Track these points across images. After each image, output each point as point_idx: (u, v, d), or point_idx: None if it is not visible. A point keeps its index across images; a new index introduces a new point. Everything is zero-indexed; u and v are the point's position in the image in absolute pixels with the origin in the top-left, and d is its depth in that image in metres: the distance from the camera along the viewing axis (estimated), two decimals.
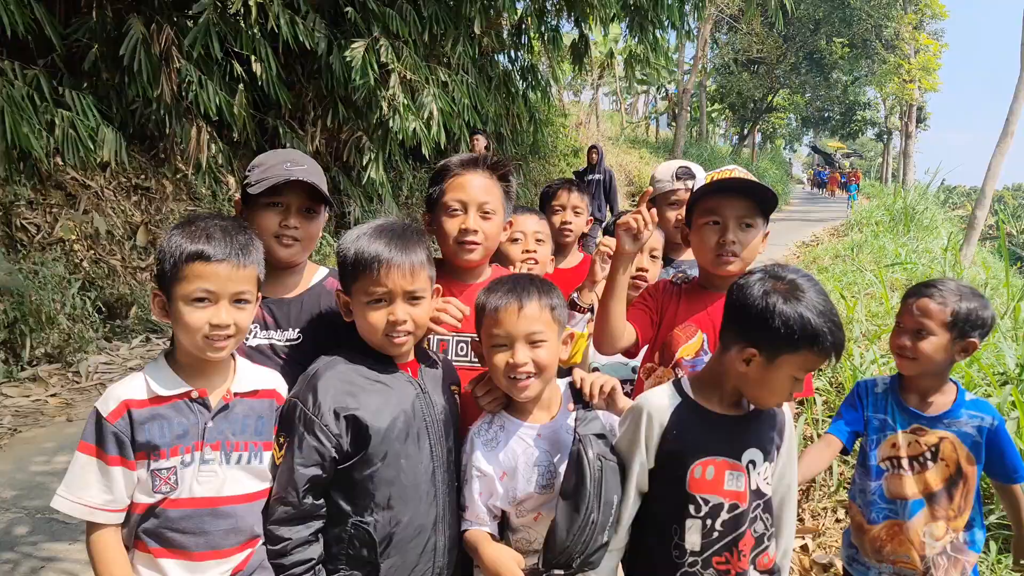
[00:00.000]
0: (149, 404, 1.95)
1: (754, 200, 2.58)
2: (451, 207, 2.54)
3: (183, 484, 1.95)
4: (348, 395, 2.08)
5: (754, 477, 2.14)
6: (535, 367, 2.15)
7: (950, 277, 3.50)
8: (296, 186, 2.34)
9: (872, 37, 37.43)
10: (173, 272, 1.94)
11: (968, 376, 5.35)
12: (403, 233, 2.18)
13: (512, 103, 15.98)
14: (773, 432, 2.20)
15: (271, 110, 11.13)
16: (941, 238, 16.70)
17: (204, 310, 1.93)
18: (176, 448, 1.95)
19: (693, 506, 2.11)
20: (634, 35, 14.36)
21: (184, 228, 1.98)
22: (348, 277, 2.18)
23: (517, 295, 2.17)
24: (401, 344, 2.16)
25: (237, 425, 2.04)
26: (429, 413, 2.20)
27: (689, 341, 2.61)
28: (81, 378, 6.93)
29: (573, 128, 25.58)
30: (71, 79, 8.45)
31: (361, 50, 10.20)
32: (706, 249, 2.61)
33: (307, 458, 2.02)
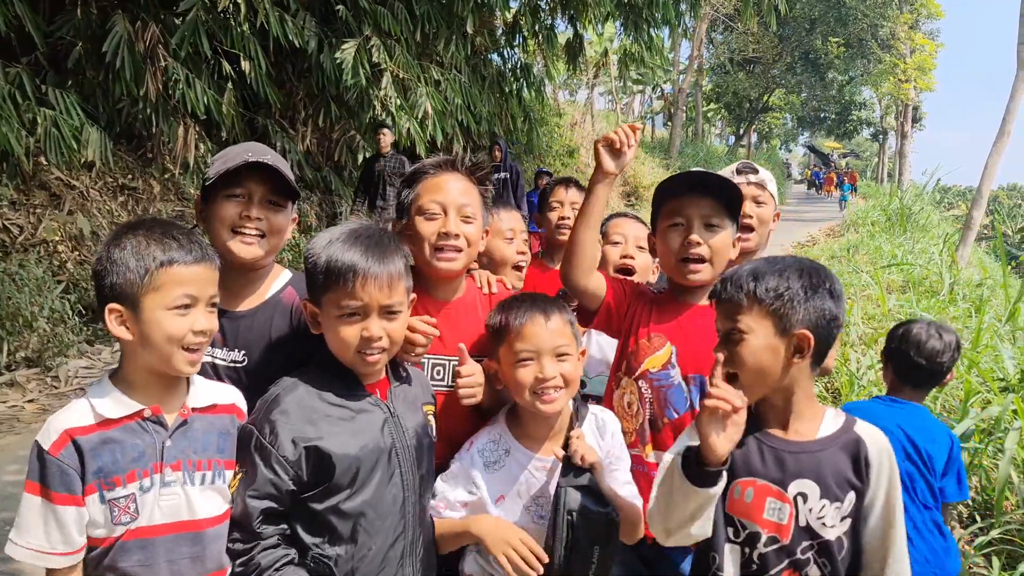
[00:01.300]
0: (97, 428, 1.77)
1: (719, 199, 2.40)
2: (428, 209, 2.32)
3: (144, 511, 1.79)
4: (308, 423, 1.92)
5: (803, 512, 1.91)
6: (563, 381, 2.14)
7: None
8: (258, 176, 2.16)
9: (868, 37, 37.39)
10: (146, 282, 1.77)
11: (968, 383, 5.24)
12: (380, 240, 2.00)
13: (506, 102, 15.85)
14: (844, 466, 1.92)
15: (261, 109, 11.00)
16: (937, 239, 16.63)
17: (185, 317, 1.79)
18: (133, 473, 1.78)
19: (732, 529, 1.96)
20: (629, 33, 14.27)
21: (137, 235, 1.80)
22: (318, 287, 1.99)
23: (542, 309, 2.17)
24: (374, 362, 1.99)
25: (198, 443, 1.88)
26: (399, 439, 2.04)
27: (656, 352, 2.44)
28: (60, 383, 6.78)
29: (568, 128, 25.45)
30: (55, 77, 8.30)
31: (352, 49, 10.08)
32: (670, 254, 2.44)
33: (260, 490, 1.87)
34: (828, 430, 1.97)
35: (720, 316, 1.96)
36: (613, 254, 3.08)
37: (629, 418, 2.46)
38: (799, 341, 1.87)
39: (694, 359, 2.38)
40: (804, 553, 1.91)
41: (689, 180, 2.44)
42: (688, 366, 2.40)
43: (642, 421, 2.43)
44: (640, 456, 2.44)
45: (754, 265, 1.95)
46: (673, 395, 2.41)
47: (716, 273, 2.39)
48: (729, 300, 1.92)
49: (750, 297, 1.89)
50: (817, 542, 1.91)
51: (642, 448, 2.44)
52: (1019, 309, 7.91)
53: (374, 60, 10.41)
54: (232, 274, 2.16)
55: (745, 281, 1.91)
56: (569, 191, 3.80)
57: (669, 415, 2.40)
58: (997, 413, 4.53)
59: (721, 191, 2.41)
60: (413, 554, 2.06)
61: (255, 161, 2.14)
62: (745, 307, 1.89)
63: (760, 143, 58.86)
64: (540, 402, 2.12)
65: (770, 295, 1.88)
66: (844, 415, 2.02)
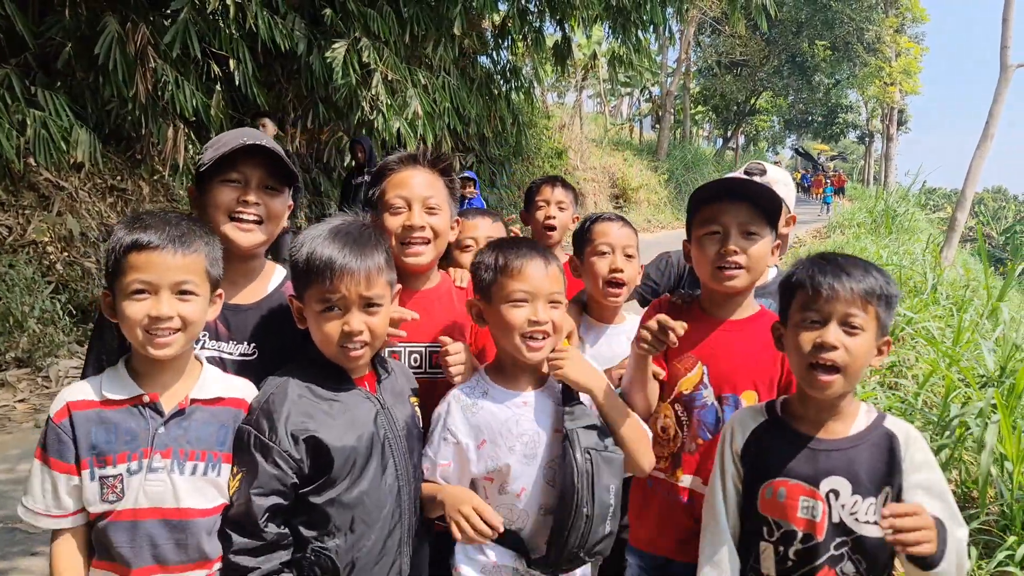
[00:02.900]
0: (98, 406, 1.86)
1: (758, 206, 2.31)
2: (393, 205, 2.37)
3: (129, 493, 1.85)
4: (306, 416, 1.94)
5: (836, 509, 1.94)
6: (552, 328, 2.13)
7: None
8: (255, 160, 2.16)
9: (854, 40, 37.63)
10: (114, 267, 1.85)
11: (948, 379, 5.33)
12: (359, 235, 2.03)
13: (495, 104, 15.90)
14: (881, 464, 1.94)
15: (250, 110, 11.00)
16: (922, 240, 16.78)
17: (143, 302, 1.83)
18: (123, 455, 1.84)
19: (766, 528, 2.00)
20: (617, 36, 14.34)
21: (126, 222, 1.90)
22: (301, 282, 2.03)
23: (541, 254, 2.17)
24: (357, 357, 2.01)
25: (193, 433, 1.92)
26: (391, 430, 2.07)
27: (689, 374, 2.37)
28: (51, 383, 6.78)
29: (556, 130, 25.52)
30: (44, 78, 8.30)
31: (342, 50, 10.11)
32: (706, 262, 2.33)
33: (265, 486, 1.88)
34: (860, 425, 2.00)
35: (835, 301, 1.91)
36: (601, 266, 2.85)
37: (664, 443, 2.40)
38: (883, 344, 1.98)
39: (727, 378, 2.34)
40: (838, 549, 1.94)
41: (726, 187, 2.37)
42: (721, 386, 2.34)
43: (679, 446, 2.38)
44: (670, 482, 2.39)
45: (866, 264, 1.99)
46: (705, 416, 2.35)
47: (753, 281, 2.36)
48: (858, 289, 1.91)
49: (874, 297, 1.92)
50: (851, 538, 1.94)
51: (672, 473, 2.39)
52: (999, 307, 8.02)
53: (364, 60, 10.44)
54: (230, 263, 2.14)
55: (871, 280, 1.93)
56: (555, 190, 3.74)
57: (703, 436, 2.35)
58: (979, 408, 4.61)
59: (760, 198, 2.32)
60: (410, 542, 2.09)
61: (251, 144, 2.13)
62: (869, 304, 1.92)
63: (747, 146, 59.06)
64: (527, 347, 2.10)
65: (882, 302, 1.94)
66: (875, 410, 2.06)
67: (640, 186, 27.93)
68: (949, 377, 5.31)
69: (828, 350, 1.89)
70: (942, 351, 6.09)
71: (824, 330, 1.91)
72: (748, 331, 2.39)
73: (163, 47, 8.64)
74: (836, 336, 1.90)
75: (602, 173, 26.82)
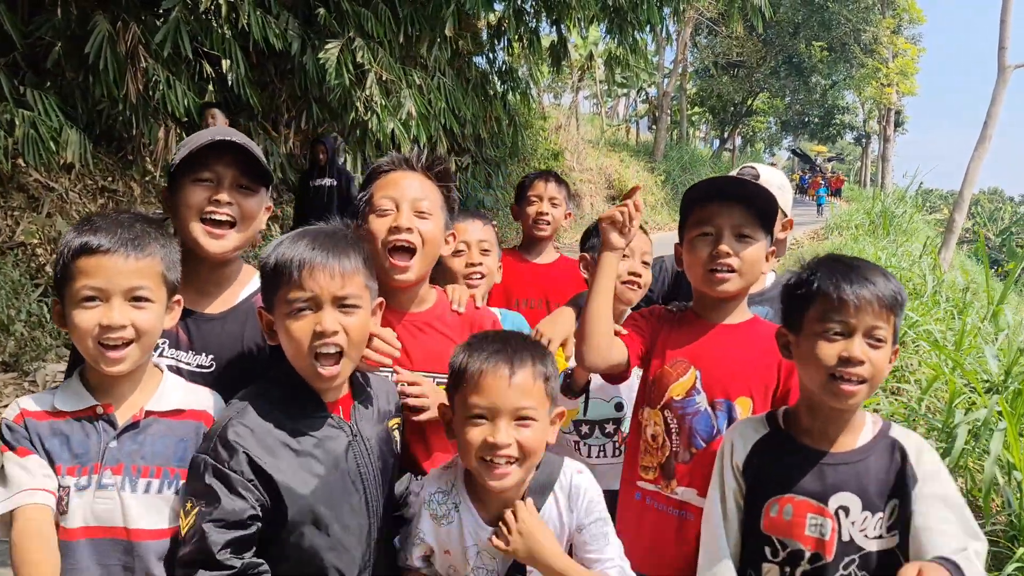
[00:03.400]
0: (50, 417, 1.75)
1: (752, 208, 2.22)
2: (380, 206, 2.18)
3: (76, 510, 1.72)
4: (265, 451, 1.77)
5: (845, 526, 1.84)
6: (519, 451, 1.77)
7: None
8: (227, 159, 2.04)
9: (851, 41, 37.64)
10: (63, 272, 1.73)
11: (952, 384, 5.23)
12: (332, 235, 1.87)
13: (491, 105, 15.81)
14: (889, 476, 1.85)
15: (243, 111, 10.90)
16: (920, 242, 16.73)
17: (93, 310, 1.71)
18: (73, 468, 1.73)
19: (770, 548, 1.89)
20: (613, 36, 14.27)
21: (77, 225, 1.78)
22: (269, 290, 1.85)
23: (508, 358, 1.79)
24: (332, 376, 1.81)
25: (148, 447, 1.79)
26: (364, 463, 1.91)
27: (680, 379, 2.26)
28: (38, 387, 6.66)
29: (553, 131, 25.45)
30: (33, 78, 8.18)
31: (336, 51, 10.01)
32: (697, 264, 2.24)
33: (226, 519, 1.70)
34: (867, 437, 1.91)
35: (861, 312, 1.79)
36: (620, 267, 2.71)
37: (653, 451, 2.29)
38: (893, 355, 1.88)
39: (720, 383, 2.23)
40: (847, 568, 1.86)
41: (720, 187, 2.28)
42: (714, 391, 2.23)
43: (668, 455, 2.26)
44: (661, 494, 2.27)
45: (881, 270, 1.88)
46: (699, 423, 2.24)
47: (746, 285, 2.26)
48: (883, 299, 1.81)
49: (897, 306, 1.83)
50: (859, 555, 1.85)
51: (665, 484, 2.27)
52: (1001, 311, 7.95)
53: (358, 60, 10.33)
54: (200, 270, 2.06)
55: (893, 288, 1.82)
56: (548, 185, 3.67)
57: (696, 445, 2.23)
58: (984, 416, 4.52)
59: (755, 199, 2.23)
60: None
61: (222, 140, 2.03)
62: (892, 314, 1.82)
63: (744, 147, 59.08)
64: (488, 474, 1.78)
65: (898, 310, 1.84)
66: (880, 420, 1.97)
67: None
68: (953, 382, 5.22)
69: (855, 364, 1.79)
70: (946, 354, 6.00)
71: (850, 343, 1.81)
72: (742, 336, 2.29)
73: (154, 47, 8.52)
74: (863, 350, 1.80)
75: (598, 174, 26.75)
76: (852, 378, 1.79)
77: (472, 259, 2.90)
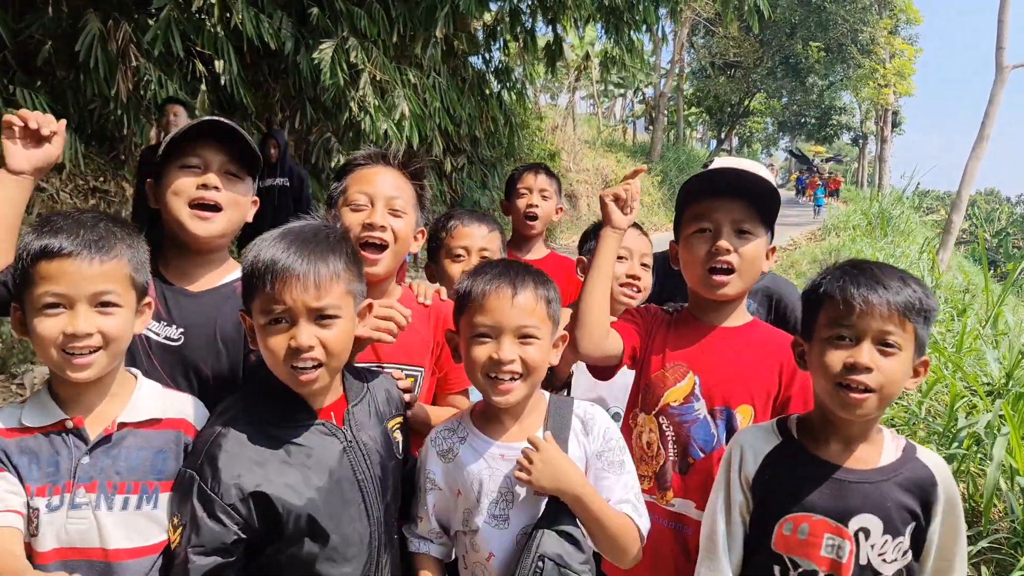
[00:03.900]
0: (17, 434, 1.64)
1: (753, 202, 2.13)
2: (354, 200, 2.19)
3: (48, 531, 1.62)
4: (255, 465, 1.71)
5: (864, 549, 1.74)
6: (523, 367, 1.83)
7: None
8: (215, 145, 2.02)
9: (848, 42, 37.58)
10: (22, 278, 1.62)
11: (954, 387, 5.16)
12: (313, 237, 1.77)
13: (487, 105, 15.72)
14: (910, 499, 1.75)
15: (236, 111, 10.80)
16: (917, 243, 16.69)
17: (56, 318, 1.60)
18: (43, 488, 1.63)
19: (779, 567, 1.80)
20: (610, 36, 14.21)
21: (36, 226, 1.65)
22: (246, 293, 1.78)
23: (511, 280, 1.86)
24: (309, 381, 1.73)
25: (123, 462, 1.70)
26: (361, 468, 1.84)
27: (678, 384, 2.16)
28: (25, 390, 6.57)
29: (549, 131, 25.38)
30: (23, 77, 8.09)
31: (330, 50, 9.92)
32: (695, 263, 2.14)
33: (207, 545, 1.66)
34: (890, 456, 1.81)
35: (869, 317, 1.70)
36: (618, 269, 2.73)
37: (648, 460, 2.21)
38: (920, 365, 1.78)
39: (720, 390, 2.14)
40: None
41: (718, 180, 2.17)
42: (714, 398, 2.14)
43: (663, 463, 2.17)
44: (657, 505, 2.18)
45: (902, 274, 1.77)
46: (697, 432, 2.15)
47: (746, 286, 2.17)
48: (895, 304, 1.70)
49: (912, 312, 1.71)
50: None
51: (661, 495, 2.18)
52: (1001, 313, 7.89)
53: (352, 61, 10.24)
54: (187, 255, 2.05)
55: (910, 293, 1.71)
56: (538, 177, 3.62)
57: (694, 455, 2.14)
58: (987, 420, 4.45)
59: (755, 193, 2.13)
60: None
61: (210, 120, 2.00)
62: (907, 320, 1.71)
63: (741, 147, 59.07)
64: (493, 389, 1.85)
65: (921, 317, 1.73)
66: (903, 439, 1.87)
67: None
68: (954, 385, 5.15)
69: (860, 371, 1.69)
70: (946, 357, 5.93)
71: (856, 349, 1.71)
72: (743, 339, 2.19)
73: (145, 46, 8.42)
74: (870, 356, 1.70)
75: (595, 175, 26.69)
76: (859, 386, 1.70)
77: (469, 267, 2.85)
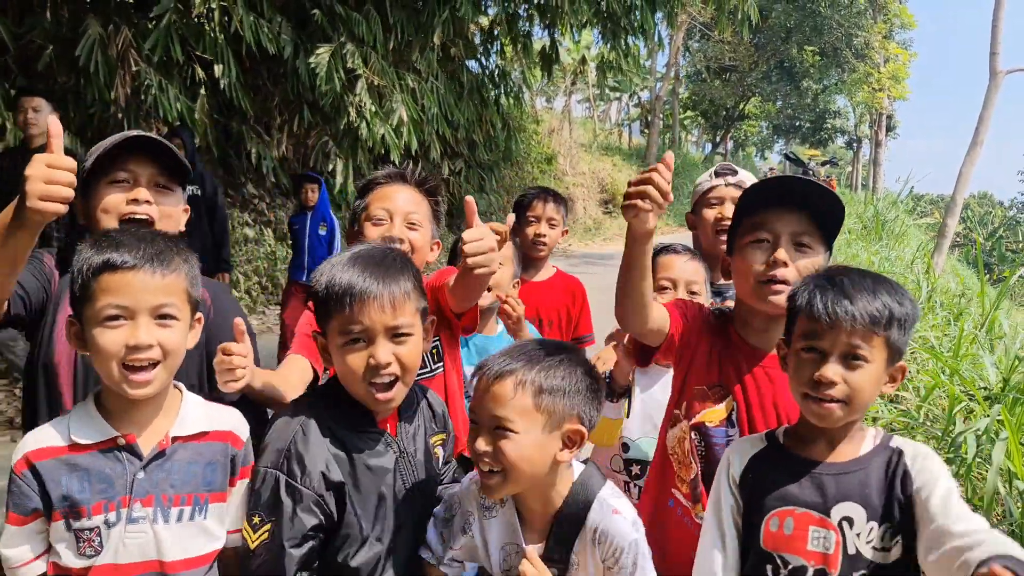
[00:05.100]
0: (66, 452, 1.64)
1: (813, 215, 2.04)
2: (376, 216, 2.44)
3: (107, 547, 1.65)
4: (333, 461, 1.80)
5: (850, 538, 1.74)
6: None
7: None
8: (142, 158, 2.03)
9: (842, 46, 37.69)
10: (82, 292, 1.64)
11: (952, 391, 5.21)
12: (383, 260, 1.87)
13: (485, 109, 15.76)
14: (889, 484, 1.75)
15: (235, 115, 10.83)
16: (911, 246, 16.76)
17: (118, 330, 1.62)
18: (99, 505, 1.64)
19: (771, 567, 1.79)
20: (606, 41, 14.26)
21: (93, 240, 1.68)
22: (322, 314, 1.87)
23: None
24: (387, 400, 1.83)
25: (177, 475, 1.72)
26: (407, 480, 1.92)
27: (715, 406, 2.13)
28: None
29: (546, 135, 25.44)
30: (24, 81, 8.10)
31: (327, 55, 9.95)
32: (749, 274, 2.05)
33: (298, 534, 1.73)
34: (868, 447, 1.82)
35: (835, 331, 1.69)
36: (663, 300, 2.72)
37: (687, 466, 2.18)
38: (896, 372, 1.78)
39: (753, 419, 2.10)
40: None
41: (781, 189, 2.07)
42: (747, 427, 2.10)
43: (695, 475, 2.16)
44: (691, 512, 2.18)
45: (876, 284, 1.73)
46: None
47: None
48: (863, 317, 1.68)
49: (879, 325, 1.69)
50: (868, 569, 1.74)
51: (693, 505, 2.18)
52: (996, 318, 7.94)
53: (348, 66, 10.27)
54: None
55: (878, 306, 1.69)
56: (547, 206, 3.67)
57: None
58: (985, 425, 4.50)
59: (818, 203, 2.04)
60: None
61: (136, 136, 1.99)
62: (874, 334, 1.70)
63: (736, 151, 59.19)
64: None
65: (894, 327, 1.71)
66: (882, 432, 1.88)
67: None
68: (952, 390, 5.20)
69: (827, 386, 1.71)
70: (943, 362, 5.98)
71: (824, 364, 1.72)
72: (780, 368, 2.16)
73: (146, 51, 8.45)
74: (835, 371, 1.71)
75: (591, 178, 26.76)
76: (826, 398, 1.72)
77: None
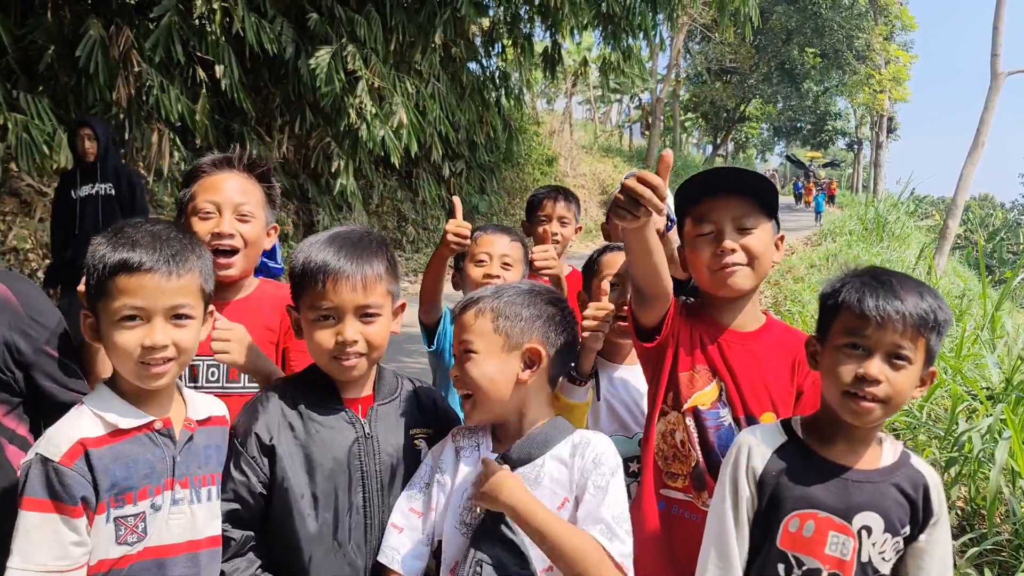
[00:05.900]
0: (109, 440, 1.65)
1: (751, 197, 2.09)
2: (202, 209, 2.25)
3: (152, 531, 1.68)
4: (277, 428, 1.88)
5: (867, 547, 1.76)
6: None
7: None
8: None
9: (843, 48, 37.75)
10: (98, 288, 1.67)
11: (955, 390, 5.21)
12: (359, 241, 1.92)
13: (486, 110, 15.78)
14: (907, 499, 1.78)
15: (236, 116, 10.84)
16: (913, 247, 16.76)
17: (135, 330, 1.65)
18: (145, 490, 1.67)
19: (783, 565, 1.79)
20: (607, 43, 14.26)
21: (109, 236, 1.70)
22: (296, 290, 1.95)
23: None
24: (351, 367, 1.87)
25: (201, 457, 1.80)
26: (369, 462, 1.92)
27: (703, 389, 2.14)
28: None
29: (547, 136, 25.46)
30: (26, 82, 8.16)
31: (327, 57, 9.95)
32: (702, 266, 2.12)
33: (229, 492, 1.84)
34: (888, 459, 1.83)
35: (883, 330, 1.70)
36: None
37: (682, 458, 2.17)
38: (928, 376, 1.79)
39: (744, 399, 2.12)
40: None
41: (712, 180, 2.13)
42: (738, 406, 2.12)
43: (695, 464, 2.14)
44: (694, 504, 2.14)
45: (920, 287, 1.76)
46: (724, 437, 2.12)
47: (759, 277, 2.13)
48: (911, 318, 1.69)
49: (926, 327, 1.71)
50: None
51: (697, 495, 2.14)
52: (998, 318, 7.93)
53: (349, 68, 10.28)
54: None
55: (926, 307, 1.70)
56: (558, 204, 3.62)
57: (717, 459, 2.10)
58: (988, 424, 4.49)
59: (750, 187, 2.10)
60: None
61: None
62: (920, 335, 1.71)
63: (737, 152, 59.26)
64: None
65: (935, 331, 1.72)
66: (900, 444, 1.89)
67: None
68: (955, 389, 5.19)
69: (871, 383, 1.71)
70: (947, 362, 5.98)
71: (868, 361, 1.72)
72: (762, 346, 2.17)
73: (147, 52, 8.46)
74: (880, 369, 1.71)
75: (592, 180, 26.77)
76: (867, 396, 1.72)
77: (491, 270, 2.90)
